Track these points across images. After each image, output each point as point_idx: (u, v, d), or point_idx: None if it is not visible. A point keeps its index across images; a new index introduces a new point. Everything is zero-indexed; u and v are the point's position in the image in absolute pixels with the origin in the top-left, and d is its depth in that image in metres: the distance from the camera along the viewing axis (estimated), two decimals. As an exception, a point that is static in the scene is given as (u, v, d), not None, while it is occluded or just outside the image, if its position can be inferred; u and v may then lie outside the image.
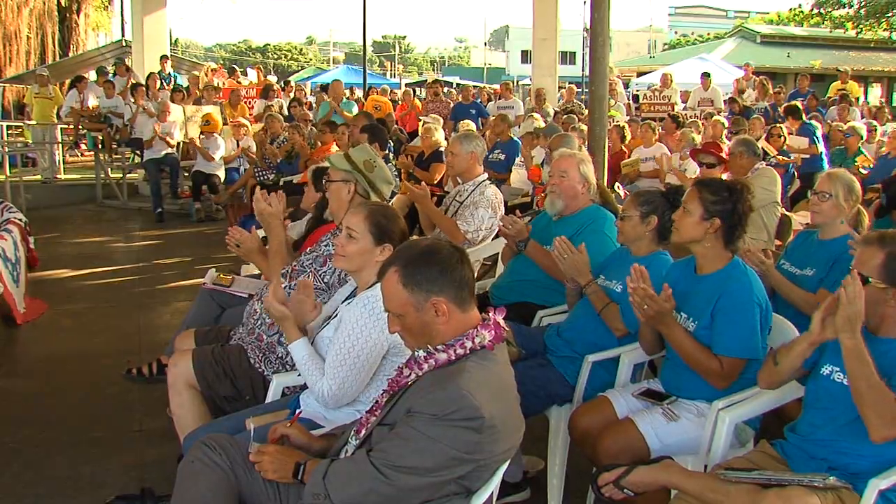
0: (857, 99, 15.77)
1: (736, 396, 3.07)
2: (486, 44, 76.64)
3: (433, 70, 68.22)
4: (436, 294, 2.28)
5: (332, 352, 2.90)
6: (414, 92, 18.93)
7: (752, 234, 5.49)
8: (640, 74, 22.14)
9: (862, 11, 32.47)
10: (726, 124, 10.10)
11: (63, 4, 24.74)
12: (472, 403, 2.14)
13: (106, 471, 3.91)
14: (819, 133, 10.09)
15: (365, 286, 3.05)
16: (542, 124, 9.99)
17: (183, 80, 17.15)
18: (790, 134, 9.80)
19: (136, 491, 3.40)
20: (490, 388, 2.24)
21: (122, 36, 22.52)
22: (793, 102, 11.87)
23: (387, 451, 2.18)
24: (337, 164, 3.91)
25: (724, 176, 6.12)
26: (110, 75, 15.39)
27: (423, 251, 2.33)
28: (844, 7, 33.23)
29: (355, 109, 11.45)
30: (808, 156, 9.77)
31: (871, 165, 9.49)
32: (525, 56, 42.98)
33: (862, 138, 9.89)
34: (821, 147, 9.80)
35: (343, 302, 3.18)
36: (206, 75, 16.64)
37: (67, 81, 15.93)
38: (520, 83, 28.27)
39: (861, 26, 32.67)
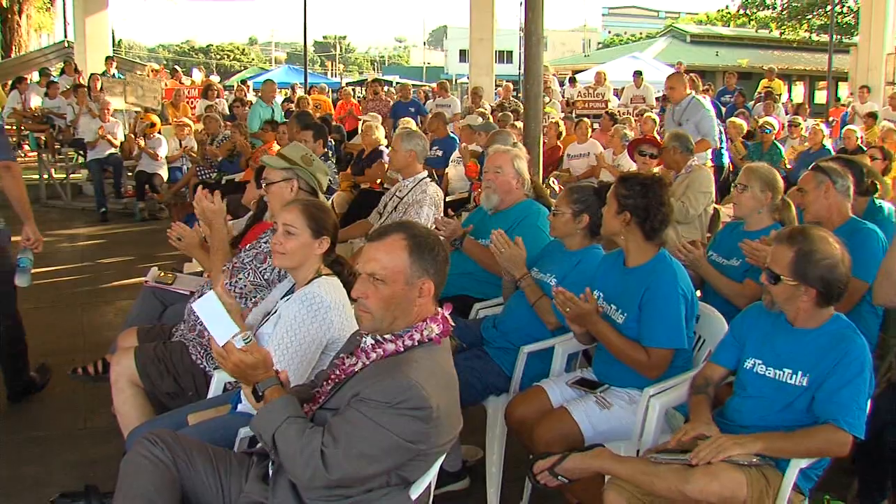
0: (781, 96, 16.27)
1: (666, 383, 3.17)
2: (425, 43, 76.66)
3: (373, 69, 67.99)
4: (429, 276, 2.34)
5: (272, 347, 2.91)
6: (354, 92, 18.93)
7: (686, 233, 5.67)
8: (575, 73, 22.45)
9: (784, 13, 33.60)
10: (658, 120, 10.32)
11: (4, 5, 24.08)
12: (420, 394, 2.18)
13: (50, 470, 3.89)
14: (722, 128, 10.33)
15: (303, 282, 3.07)
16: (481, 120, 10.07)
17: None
18: None
19: (80, 489, 3.37)
20: (437, 380, 2.29)
21: (65, 37, 22.13)
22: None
23: (337, 438, 2.18)
24: (275, 164, 3.90)
25: (657, 169, 6.29)
26: (55, 75, 15.10)
27: (430, 234, 2.41)
28: (768, 8, 34.34)
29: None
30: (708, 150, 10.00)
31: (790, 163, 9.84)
32: (463, 55, 43.09)
33: (774, 129, 10.20)
34: (721, 143, 10.07)
35: (281, 298, 3.20)
36: (148, 75, 16.44)
37: (9, 83, 15.60)
38: (458, 81, 28.41)
39: (784, 27, 33.80)
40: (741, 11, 36.61)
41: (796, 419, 2.72)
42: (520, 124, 8.57)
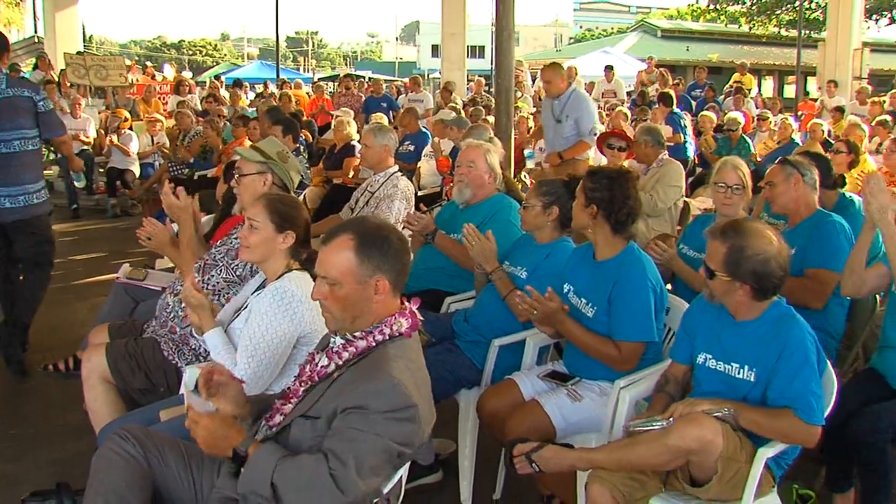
0: (751, 91, 16.43)
1: (636, 375, 3.20)
2: (397, 38, 76.80)
3: (346, 64, 67.84)
4: (382, 273, 2.30)
5: (243, 342, 2.91)
6: (325, 87, 18.92)
7: (656, 226, 5.72)
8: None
9: (753, 8, 33.99)
10: (629, 115, 10.40)
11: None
12: (404, 392, 2.18)
13: (22, 468, 3.86)
14: (685, 122, 10.43)
15: (273, 276, 3.06)
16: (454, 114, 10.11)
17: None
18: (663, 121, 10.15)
19: (52, 486, 3.34)
20: (413, 376, 2.29)
21: (35, 32, 21.86)
22: (667, 90, 12.24)
23: (343, 460, 2.13)
24: (250, 157, 3.86)
25: (627, 163, 6.33)
26: (27, 71, 14.94)
27: (380, 229, 2.36)
28: (738, 4, 34.72)
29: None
30: (672, 143, 10.11)
31: (760, 156, 9.96)
32: (435, 50, 43.11)
33: (741, 125, 10.36)
34: (684, 136, 10.16)
35: (253, 293, 3.19)
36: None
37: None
38: (430, 77, 28.45)
39: (753, 22, 34.17)
40: (711, 7, 36.96)
41: None
42: (491, 119, 8.60)
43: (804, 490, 3.42)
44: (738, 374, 2.77)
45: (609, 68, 15.70)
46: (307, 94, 16.61)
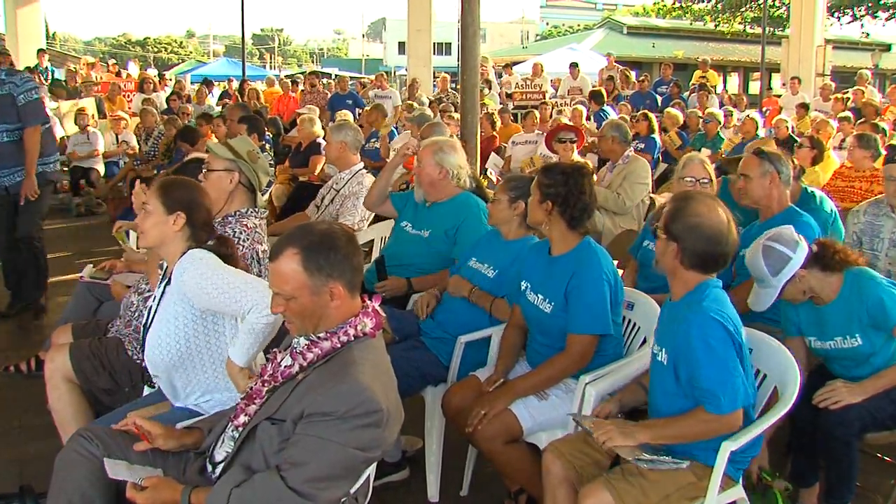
0: (716, 87, 16.57)
1: (601, 371, 3.20)
2: (363, 35, 76.51)
3: (312, 61, 67.57)
4: (334, 279, 2.27)
5: (222, 303, 2.78)
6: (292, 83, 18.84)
7: (623, 223, 5.75)
8: (513, 64, 22.61)
9: (719, 6, 34.40)
10: (584, 112, 10.48)
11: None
12: (371, 397, 2.16)
13: (-15, 470, 3.78)
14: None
15: (174, 260, 2.94)
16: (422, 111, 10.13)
17: (60, 75, 16.54)
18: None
19: (14, 489, 3.28)
20: (381, 378, 2.27)
21: (-4, 29, 21.53)
22: (598, 88, 12.33)
23: (304, 470, 2.12)
24: (219, 153, 3.79)
25: (577, 155, 6.37)
26: None
27: (324, 235, 2.30)
28: (703, 1, 35.12)
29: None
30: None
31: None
32: (402, 47, 43.07)
33: (720, 123, 10.44)
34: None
35: (161, 285, 3.04)
36: (83, 68, 16.15)
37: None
38: (397, 73, 28.44)
39: (718, 19, 34.59)
40: (676, 4, 37.32)
41: (684, 404, 2.70)
42: (457, 116, 8.60)
43: (775, 479, 3.43)
44: (662, 358, 2.77)
45: (574, 65, 15.74)
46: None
